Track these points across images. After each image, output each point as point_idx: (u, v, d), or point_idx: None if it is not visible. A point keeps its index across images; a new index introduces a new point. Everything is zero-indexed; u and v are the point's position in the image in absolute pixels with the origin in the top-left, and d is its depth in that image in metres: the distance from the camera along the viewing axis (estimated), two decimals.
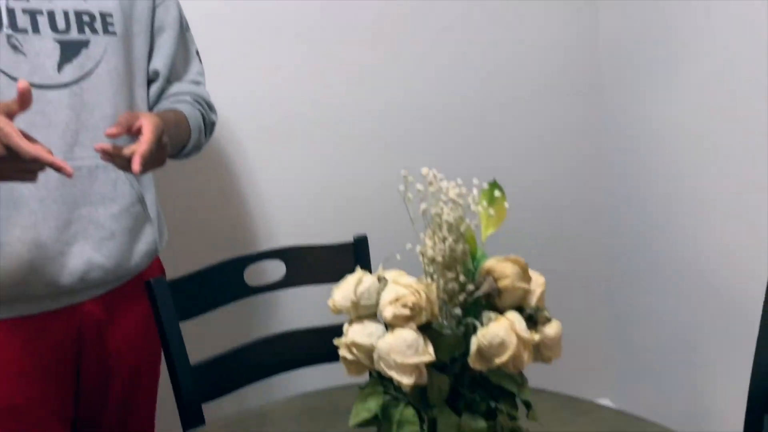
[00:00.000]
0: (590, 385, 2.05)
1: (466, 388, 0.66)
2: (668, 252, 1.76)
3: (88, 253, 1.09)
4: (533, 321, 0.67)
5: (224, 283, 1.33)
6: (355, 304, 0.63)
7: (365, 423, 0.66)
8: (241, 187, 1.66)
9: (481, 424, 0.63)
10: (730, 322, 1.58)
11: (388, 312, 0.57)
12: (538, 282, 0.70)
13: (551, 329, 0.65)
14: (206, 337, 1.41)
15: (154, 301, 1.23)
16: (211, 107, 1.30)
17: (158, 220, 1.24)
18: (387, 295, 0.58)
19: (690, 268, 1.69)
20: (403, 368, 0.56)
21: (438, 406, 0.63)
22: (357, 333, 0.62)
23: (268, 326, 1.55)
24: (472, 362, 0.59)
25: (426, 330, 0.59)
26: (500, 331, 0.57)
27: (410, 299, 0.56)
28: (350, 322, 0.64)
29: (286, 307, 1.64)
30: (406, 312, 0.56)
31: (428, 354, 0.56)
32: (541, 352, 0.66)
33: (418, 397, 0.63)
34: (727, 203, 1.56)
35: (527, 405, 0.68)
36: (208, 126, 1.28)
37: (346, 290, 0.63)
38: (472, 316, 0.63)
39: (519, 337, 0.57)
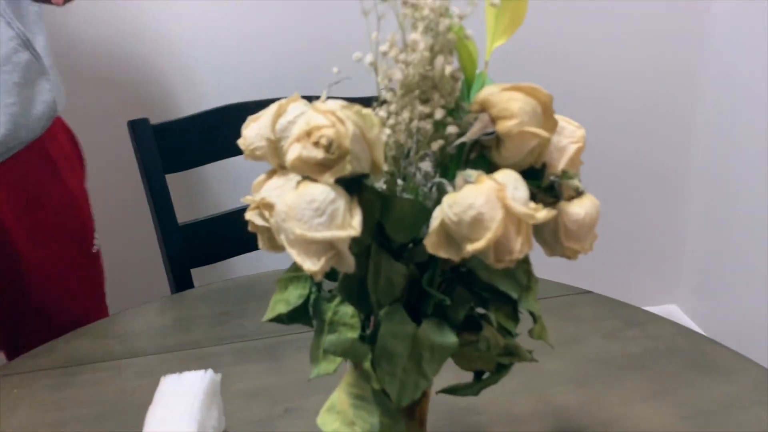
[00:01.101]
0: (658, 289, 1.83)
1: (438, 286, 0.44)
2: (762, 146, 1.47)
3: None
4: (554, 194, 0.43)
5: (222, 133, 1.14)
6: (274, 145, 0.40)
7: (283, 320, 0.45)
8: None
9: (450, 338, 0.41)
10: None
11: (292, 153, 0.35)
12: (572, 135, 0.45)
13: (580, 207, 0.41)
14: (199, 195, 1.25)
15: (135, 145, 1.05)
16: None
17: (54, 72, 0.94)
18: (297, 128, 0.35)
19: None
20: (305, 246, 0.34)
21: (386, 306, 0.41)
22: (273, 188, 0.40)
23: None
24: (431, 247, 0.36)
25: (358, 189, 0.36)
26: (477, 199, 0.34)
27: (326, 133, 0.33)
28: (269, 174, 0.42)
29: None
30: (318, 154, 0.33)
31: (350, 227, 0.34)
32: (560, 241, 0.42)
33: (358, 291, 0.41)
34: None
35: (534, 317, 0.46)
36: None
37: (262, 124, 0.41)
38: (452, 176, 0.40)
39: (508, 211, 0.34)
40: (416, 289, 0.44)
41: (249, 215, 0.41)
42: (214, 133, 1.08)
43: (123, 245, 1.42)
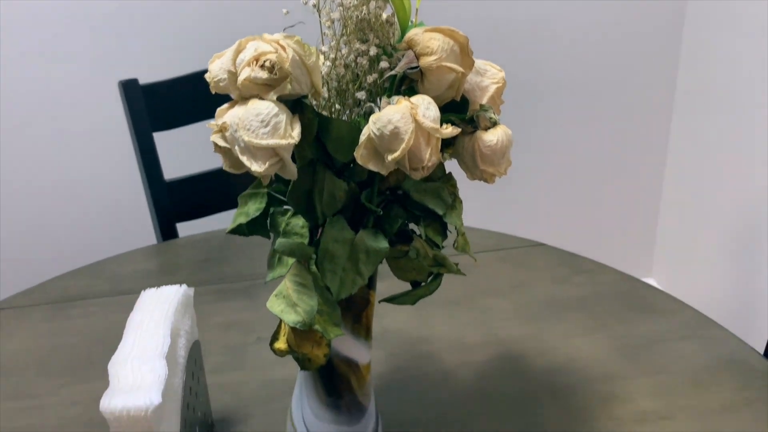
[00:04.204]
0: (637, 264, 1.91)
1: (378, 205, 0.51)
2: (738, 129, 1.54)
3: None
4: (473, 124, 0.51)
5: (207, 94, 1.20)
6: (234, 77, 0.47)
7: (244, 230, 0.53)
8: None
9: (383, 244, 0.49)
10: None
11: (242, 75, 0.42)
12: (494, 77, 0.53)
13: (493, 135, 0.49)
14: (185, 153, 1.33)
15: (125, 104, 1.12)
16: None
17: None
18: (245, 55, 0.43)
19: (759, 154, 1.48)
20: (253, 151, 0.41)
21: (329, 217, 0.49)
22: (233, 114, 0.47)
23: None
24: (361, 159, 0.43)
25: (301, 109, 0.43)
26: (395, 115, 0.41)
27: (270, 57, 0.41)
28: (231, 104, 0.49)
29: None
30: (263, 75, 0.41)
31: (291, 137, 0.41)
32: (477, 165, 0.50)
33: (306, 202, 0.49)
34: None
35: (458, 231, 0.54)
36: None
37: (225, 59, 0.48)
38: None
39: (419, 125, 0.41)
40: (359, 207, 0.52)
41: (213, 138, 0.49)
42: (201, 93, 1.15)
43: (114, 197, 1.50)
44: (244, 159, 0.42)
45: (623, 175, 1.81)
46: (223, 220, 1.24)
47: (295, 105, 0.43)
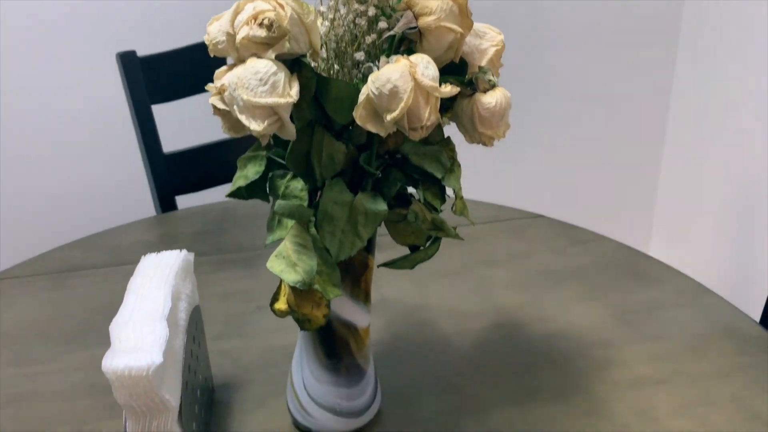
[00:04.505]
0: (635, 237, 1.91)
1: (375, 166, 0.51)
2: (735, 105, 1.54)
3: None
4: (473, 87, 0.51)
5: (206, 66, 1.20)
6: (233, 39, 0.47)
7: (243, 193, 0.53)
8: None
9: (381, 206, 0.49)
10: None
11: (240, 34, 0.42)
12: (493, 39, 0.53)
13: (492, 97, 0.49)
14: (184, 126, 1.33)
15: (123, 77, 1.12)
16: None
17: None
18: (244, 15, 0.42)
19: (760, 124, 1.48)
20: (252, 110, 0.42)
21: (327, 179, 0.49)
22: (232, 74, 0.47)
23: None
24: (360, 119, 0.43)
25: (299, 68, 0.43)
26: (393, 74, 0.41)
27: (269, 15, 0.41)
28: (230, 67, 0.49)
29: None
30: (261, 33, 0.41)
31: (289, 95, 0.41)
32: (476, 128, 0.50)
33: (305, 165, 0.49)
34: None
35: (456, 195, 0.54)
36: None
37: (223, 21, 0.48)
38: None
39: (418, 84, 0.41)
40: (358, 170, 0.52)
41: (212, 100, 0.49)
42: (199, 66, 1.15)
43: (113, 170, 1.50)
44: (242, 118, 0.42)
45: (622, 148, 1.81)
46: (221, 193, 1.24)
47: (294, 64, 0.44)
